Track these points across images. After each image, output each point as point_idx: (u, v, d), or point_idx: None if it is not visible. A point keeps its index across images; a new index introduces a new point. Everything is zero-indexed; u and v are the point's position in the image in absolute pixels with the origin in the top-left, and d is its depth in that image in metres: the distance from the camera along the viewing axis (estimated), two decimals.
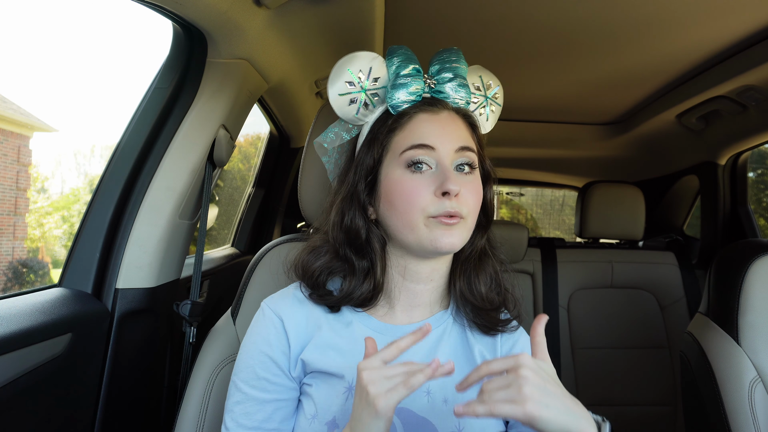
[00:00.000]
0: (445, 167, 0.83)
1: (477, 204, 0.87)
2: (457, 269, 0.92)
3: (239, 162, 2.76)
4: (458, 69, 0.92)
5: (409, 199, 0.82)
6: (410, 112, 0.87)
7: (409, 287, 0.90)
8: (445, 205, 0.81)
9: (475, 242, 0.93)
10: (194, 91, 1.24)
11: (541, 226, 6.97)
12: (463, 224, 0.84)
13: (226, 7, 1.05)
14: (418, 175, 0.83)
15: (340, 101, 0.91)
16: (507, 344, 0.92)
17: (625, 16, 1.42)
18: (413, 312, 0.90)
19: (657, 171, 2.85)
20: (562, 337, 2.35)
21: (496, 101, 1.01)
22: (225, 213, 2.42)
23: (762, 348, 1.22)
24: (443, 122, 0.86)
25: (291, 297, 0.90)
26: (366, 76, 0.91)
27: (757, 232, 2.33)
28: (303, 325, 0.88)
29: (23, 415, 0.96)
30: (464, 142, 0.86)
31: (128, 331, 1.22)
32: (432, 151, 0.83)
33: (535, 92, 2.11)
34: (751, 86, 1.73)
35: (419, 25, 1.53)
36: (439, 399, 0.83)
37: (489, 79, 0.99)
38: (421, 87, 0.89)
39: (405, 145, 0.84)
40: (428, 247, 0.82)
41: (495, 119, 1.01)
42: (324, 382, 0.84)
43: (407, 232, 0.83)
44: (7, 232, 4.56)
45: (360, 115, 0.92)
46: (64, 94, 7.22)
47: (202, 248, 1.37)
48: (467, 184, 0.85)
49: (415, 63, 0.91)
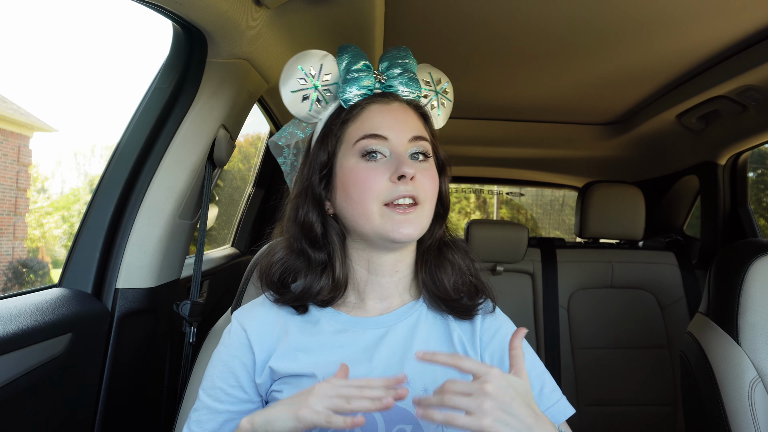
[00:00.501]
0: (400, 153, 0.84)
1: (434, 190, 0.87)
2: (419, 260, 0.92)
3: (239, 162, 2.76)
4: (407, 65, 0.93)
5: (364, 186, 0.82)
6: (362, 104, 0.89)
7: (375, 280, 0.90)
8: (400, 189, 0.81)
9: (434, 232, 0.92)
10: (194, 91, 1.24)
11: (541, 226, 6.97)
12: (420, 210, 0.84)
13: (226, 7, 1.05)
14: (373, 163, 0.84)
15: (293, 98, 0.92)
16: (488, 332, 0.91)
17: (624, 16, 1.42)
18: (384, 303, 0.90)
19: (657, 171, 2.85)
20: (562, 337, 2.35)
21: (447, 96, 1.02)
22: (225, 213, 2.42)
23: (762, 348, 1.22)
24: (395, 113, 0.87)
25: (259, 306, 0.91)
26: (317, 72, 0.92)
27: (757, 232, 2.33)
28: (269, 333, 0.88)
29: (23, 415, 0.96)
30: (417, 132, 0.87)
31: (128, 331, 1.22)
32: (385, 141, 0.84)
33: (534, 92, 2.11)
34: (751, 86, 1.73)
35: (419, 25, 1.53)
36: (419, 389, 0.83)
37: (438, 75, 1.01)
38: (371, 82, 0.90)
39: (358, 135, 0.85)
40: (385, 236, 0.83)
41: (447, 114, 1.03)
42: (294, 385, 0.84)
43: (363, 222, 0.83)
44: (7, 232, 4.56)
45: (313, 111, 0.93)
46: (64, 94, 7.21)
47: (202, 248, 1.37)
48: (423, 170, 0.85)
49: (365, 60, 0.92)
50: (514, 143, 2.81)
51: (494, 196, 8.39)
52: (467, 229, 2.35)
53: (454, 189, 4.15)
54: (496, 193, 7.25)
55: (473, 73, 1.92)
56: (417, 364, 0.84)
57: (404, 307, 0.90)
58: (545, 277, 2.42)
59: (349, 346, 0.86)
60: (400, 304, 0.91)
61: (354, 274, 0.90)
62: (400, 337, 0.87)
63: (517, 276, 2.46)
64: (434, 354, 0.71)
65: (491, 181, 3.90)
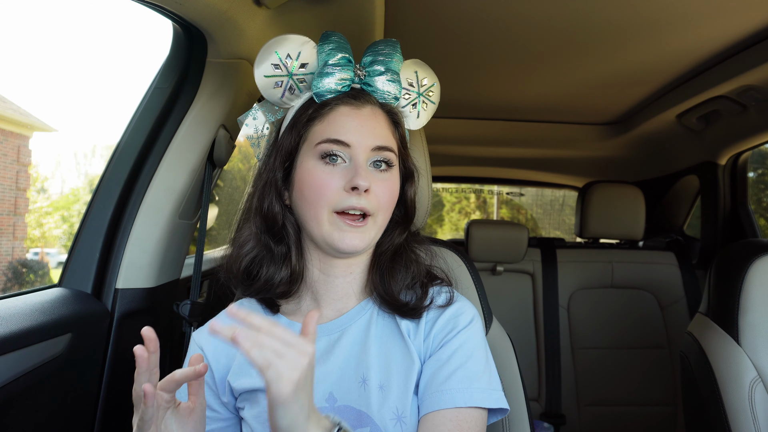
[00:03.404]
0: (358, 163, 0.82)
1: (390, 200, 0.86)
2: (374, 263, 0.91)
3: (239, 162, 2.75)
4: (390, 62, 0.90)
5: (318, 191, 0.82)
6: (332, 102, 0.86)
7: (328, 281, 0.89)
8: (351, 200, 0.81)
9: (393, 239, 0.91)
10: (194, 91, 1.24)
11: (541, 226, 6.97)
12: (371, 223, 0.83)
13: (226, 7, 1.05)
14: (331, 168, 0.83)
15: (265, 82, 0.90)
16: (431, 323, 0.87)
17: (625, 16, 1.42)
18: (338, 304, 0.89)
19: (657, 171, 2.85)
20: (562, 337, 2.35)
21: (430, 98, 0.97)
22: (225, 213, 2.42)
23: (762, 348, 1.22)
24: (363, 118, 0.85)
25: (215, 320, 0.89)
26: (294, 60, 0.89)
27: (757, 232, 2.33)
28: (224, 349, 0.88)
29: (23, 415, 0.96)
30: (382, 142, 0.85)
31: (128, 331, 1.22)
32: (347, 147, 0.83)
33: (534, 92, 2.11)
34: (751, 86, 1.73)
35: (419, 25, 1.53)
36: (374, 387, 0.82)
37: (425, 75, 0.96)
38: (348, 77, 0.87)
39: (321, 137, 0.83)
40: (330, 244, 0.82)
41: (428, 116, 0.99)
42: (252, 401, 0.84)
43: (314, 225, 0.83)
44: (7, 232, 4.56)
45: (285, 98, 0.91)
46: (64, 94, 7.21)
47: (202, 248, 1.37)
48: (381, 181, 0.84)
49: (346, 52, 0.89)
50: (514, 143, 2.81)
51: (494, 196, 8.39)
52: (467, 229, 2.35)
53: (454, 189, 4.15)
54: (496, 193, 7.26)
55: (473, 73, 1.92)
56: (373, 360, 0.83)
57: (357, 308, 0.89)
58: (545, 277, 2.42)
59: None
60: (355, 303, 0.90)
61: (309, 274, 0.90)
62: (356, 335, 0.87)
63: (517, 276, 2.46)
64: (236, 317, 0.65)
65: (491, 181, 3.90)
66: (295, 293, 0.89)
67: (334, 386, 0.83)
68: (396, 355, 0.85)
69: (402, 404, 0.81)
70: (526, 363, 2.37)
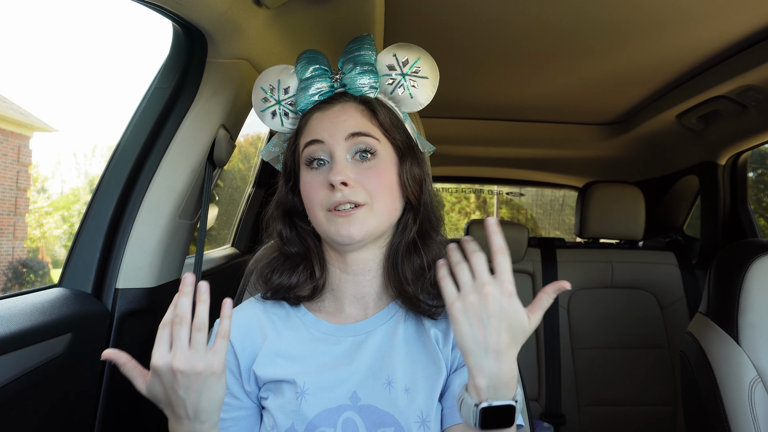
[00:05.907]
0: (336, 158, 0.85)
1: (381, 187, 0.86)
2: (391, 258, 0.91)
3: (239, 162, 2.76)
4: (360, 57, 0.92)
5: (310, 196, 0.87)
6: (308, 113, 0.91)
7: (350, 279, 0.91)
8: (336, 196, 0.83)
9: (408, 226, 0.90)
10: (194, 91, 1.24)
11: (541, 226, 6.97)
12: (365, 211, 0.84)
13: (226, 7, 1.05)
14: (315, 172, 0.87)
15: (265, 117, 0.97)
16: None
17: (625, 16, 1.42)
18: (361, 304, 0.90)
19: (657, 171, 2.86)
20: (562, 337, 2.35)
21: (418, 75, 0.95)
22: (225, 213, 2.42)
23: (762, 348, 1.22)
24: (333, 115, 0.88)
25: (240, 310, 0.93)
26: (277, 88, 0.95)
27: (757, 232, 2.33)
28: (250, 337, 0.89)
29: (23, 415, 0.96)
30: (355, 128, 0.86)
31: (128, 331, 1.22)
32: (323, 144, 0.86)
33: (535, 92, 2.11)
34: (751, 86, 1.73)
35: (419, 25, 1.53)
36: (400, 389, 0.83)
37: (406, 54, 0.95)
38: (325, 85, 0.91)
39: (302, 144, 0.89)
40: (332, 239, 0.86)
41: (425, 92, 0.95)
42: (276, 392, 0.85)
43: (318, 226, 0.88)
44: (7, 232, 4.56)
45: (286, 126, 0.97)
46: (64, 94, 7.21)
47: (202, 248, 1.37)
48: (365, 170, 0.85)
49: (319, 63, 0.93)
50: (514, 143, 2.81)
51: (494, 196, 8.39)
52: (467, 229, 2.34)
53: (453, 189, 4.15)
54: (496, 193, 7.25)
55: (473, 73, 1.92)
56: (399, 363, 0.84)
57: (381, 313, 0.90)
58: (545, 277, 2.42)
59: (329, 353, 0.86)
60: (378, 308, 0.90)
61: (330, 275, 0.92)
62: (381, 339, 0.87)
63: (517, 276, 2.45)
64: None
65: (491, 181, 3.90)
66: (318, 294, 0.92)
67: (358, 386, 0.84)
68: (423, 360, 0.86)
69: (427, 408, 0.82)
70: (526, 363, 2.37)
